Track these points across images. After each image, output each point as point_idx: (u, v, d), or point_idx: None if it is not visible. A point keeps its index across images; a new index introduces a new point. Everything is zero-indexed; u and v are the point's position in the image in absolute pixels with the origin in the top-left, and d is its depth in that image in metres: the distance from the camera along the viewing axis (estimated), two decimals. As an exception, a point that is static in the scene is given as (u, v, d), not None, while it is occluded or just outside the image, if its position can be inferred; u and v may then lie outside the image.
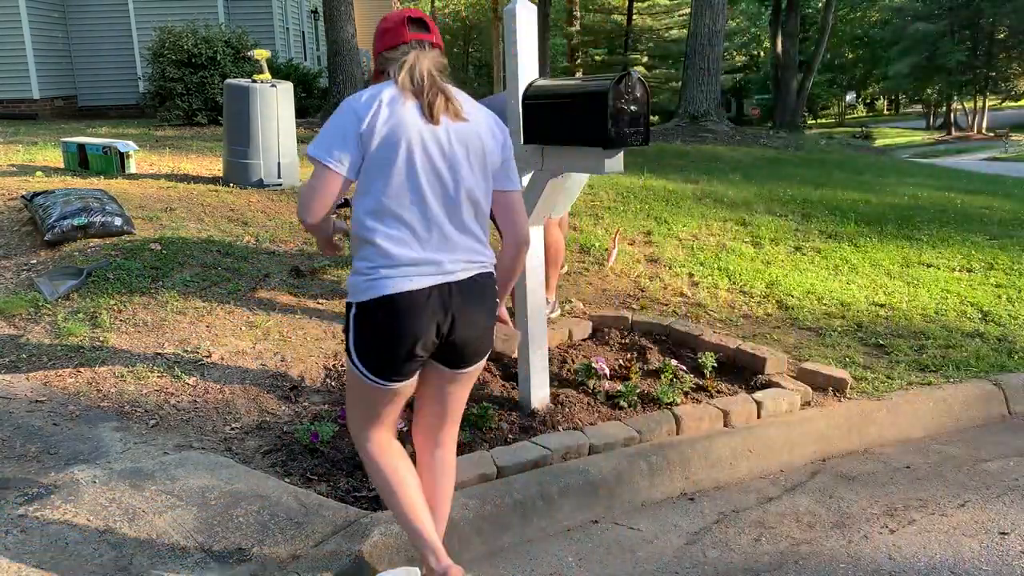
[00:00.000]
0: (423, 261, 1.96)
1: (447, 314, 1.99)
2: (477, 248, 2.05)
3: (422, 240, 1.97)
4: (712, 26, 14.24)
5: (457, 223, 2.00)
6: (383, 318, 1.94)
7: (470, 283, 2.02)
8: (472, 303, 2.03)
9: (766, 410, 3.34)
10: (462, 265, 2.01)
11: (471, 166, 2.00)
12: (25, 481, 2.58)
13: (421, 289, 1.95)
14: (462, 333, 2.02)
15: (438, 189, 1.97)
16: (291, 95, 6.51)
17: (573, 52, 36.90)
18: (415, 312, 1.95)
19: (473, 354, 2.11)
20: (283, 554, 2.32)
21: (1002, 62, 40.51)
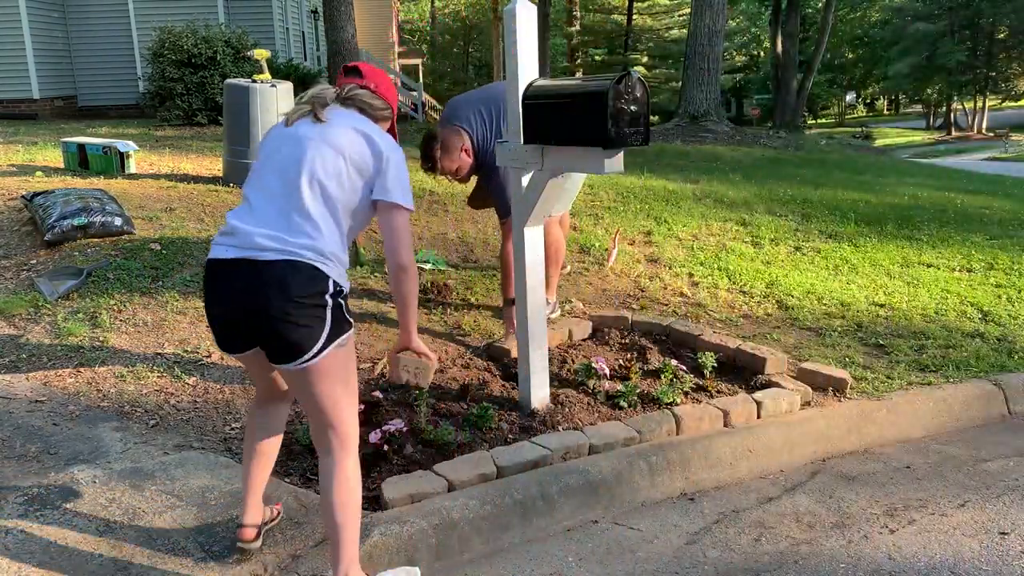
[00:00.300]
0: (240, 232, 2.07)
1: (247, 294, 2.02)
2: (297, 233, 2.06)
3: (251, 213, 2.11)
4: (712, 26, 14.24)
5: (294, 205, 2.09)
6: (204, 282, 2.14)
7: (271, 266, 2.02)
8: (270, 289, 2.00)
9: (766, 410, 3.34)
10: (273, 245, 2.03)
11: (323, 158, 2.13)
12: (25, 481, 2.58)
13: (227, 259, 2.05)
14: (253, 320, 2.02)
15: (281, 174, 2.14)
16: (291, 95, 6.51)
17: (573, 52, 36.90)
18: (216, 282, 2.07)
19: (276, 350, 2.04)
20: (283, 554, 2.32)
21: (1002, 62, 40.51)
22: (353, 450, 2.17)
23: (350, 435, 2.16)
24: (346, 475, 2.13)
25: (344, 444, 2.15)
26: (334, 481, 2.12)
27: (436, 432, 2.94)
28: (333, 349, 2.06)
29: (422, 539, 2.45)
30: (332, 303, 2.05)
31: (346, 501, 2.11)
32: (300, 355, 2.02)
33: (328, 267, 2.06)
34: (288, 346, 2.01)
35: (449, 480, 2.67)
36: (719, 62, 14.87)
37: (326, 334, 2.04)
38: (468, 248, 5.25)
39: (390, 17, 27.04)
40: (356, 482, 2.16)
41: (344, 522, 2.10)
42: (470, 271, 4.85)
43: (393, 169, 2.18)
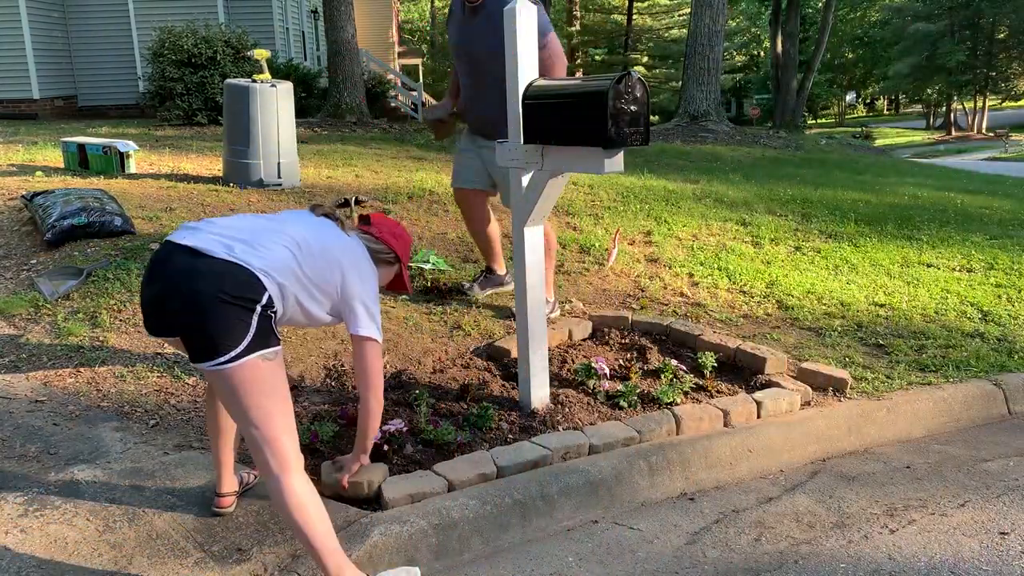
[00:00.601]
0: (201, 230, 2.16)
1: (183, 275, 2.05)
2: (249, 254, 2.12)
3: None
4: (712, 26, 14.26)
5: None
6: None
7: (214, 260, 2.06)
8: (206, 277, 2.02)
9: (766, 410, 3.34)
10: (223, 248, 2.09)
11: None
12: (25, 481, 2.58)
13: (176, 242, 2.12)
14: (180, 303, 2.04)
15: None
16: (291, 95, 6.51)
17: (573, 52, 36.93)
18: (157, 262, 2.12)
19: (196, 343, 2.03)
20: (283, 554, 2.32)
21: (1002, 62, 40.54)
22: (295, 466, 2.08)
23: (288, 451, 2.07)
24: (294, 494, 2.05)
25: (283, 462, 2.06)
26: (286, 504, 2.04)
27: (436, 432, 2.94)
28: (256, 359, 2.03)
29: (422, 539, 2.45)
30: (261, 312, 2.05)
31: (306, 520, 2.04)
32: (217, 353, 2.00)
33: (268, 282, 2.09)
34: (207, 340, 2.00)
35: (449, 480, 2.67)
36: (719, 62, 14.88)
37: (248, 340, 2.02)
38: (468, 248, 5.25)
39: (390, 17, 27.05)
40: (311, 498, 2.08)
41: (312, 539, 2.04)
42: (470, 271, 4.85)
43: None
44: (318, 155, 8.57)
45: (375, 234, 2.50)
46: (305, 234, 2.26)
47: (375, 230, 2.52)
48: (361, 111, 13.66)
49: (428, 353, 3.80)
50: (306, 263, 2.21)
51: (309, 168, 7.48)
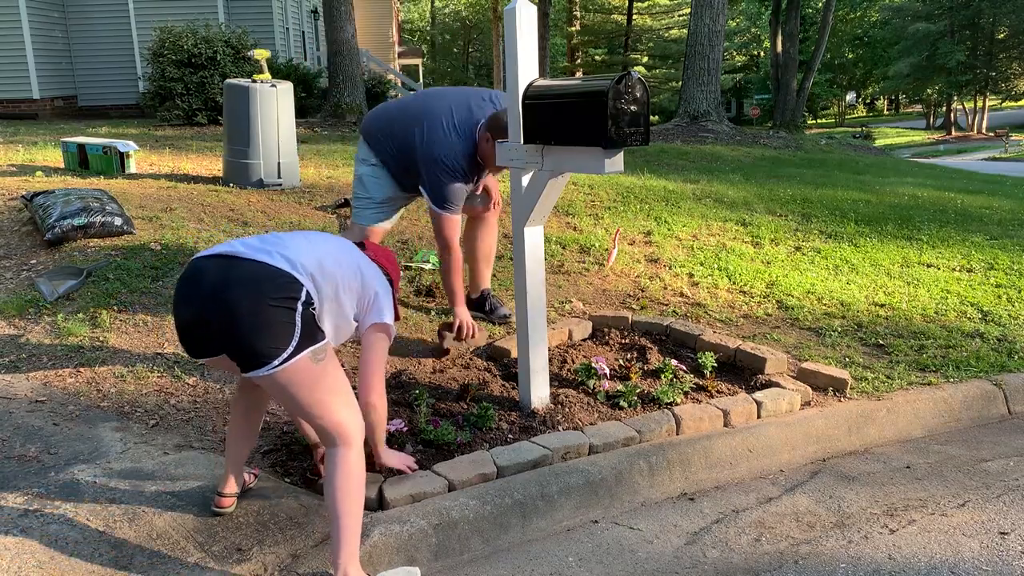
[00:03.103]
0: (224, 244, 2.19)
1: (218, 289, 2.06)
2: (277, 256, 2.15)
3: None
4: (712, 26, 14.25)
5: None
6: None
7: (246, 263, 2.09)
8: (242, 285, 2.05)
9: (766, 410, 3.34)
10: (253, 250, 2.13)
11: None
12: (25, 481, 2.58)
13: (204, 255, 2.14)
14: (221, 319, 2.06)
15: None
16: (291, 95, 6.51)
17: (573, 52, 36.93)
18: (188, 281, 2.13)
19: (243, 355, 2.06)
20: (283, 554, 2.32)
21: (1002, 62, 40.56)
22: (356, 443, 2.19)
23: (350, 431, 2.18)
24: (348, 466, 2.16)
25: (345, 439, 2.18)
26: (337, 471, 2.15)
27: (436, 432, 2.94)
28: (307, 357, 2.07)
29: (422, 539, 2.45)
30: (303, 311, 2.07)
31: (347, 491, 2.13)
32: (267, 361, 2.02)
33: (303, 279, 2.11)
34: (254, 350, 2.01)
35: (449, 480, 2.67)
36: (719, 62, 14.87)
37: (296, 340, 2.04)
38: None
39: (390, 17, 27.06)
40: (359, 474, 2.18)
41: (345, 512, 2.12)
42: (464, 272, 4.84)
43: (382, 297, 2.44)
44: (318, 155, 8.57)
45: (371, 257, 2.55)
46: (320, 237, 2.34)
47: (371, 254, 2.57)
48: (361, 111, 13.66)
49: (428, 353, 3.80)
50: (328, 260, 2.26)
51: (309, 168, 7.48)
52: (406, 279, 4.63)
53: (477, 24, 46.28)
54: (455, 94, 3.80)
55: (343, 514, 2.13)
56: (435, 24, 49.96)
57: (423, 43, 46.64)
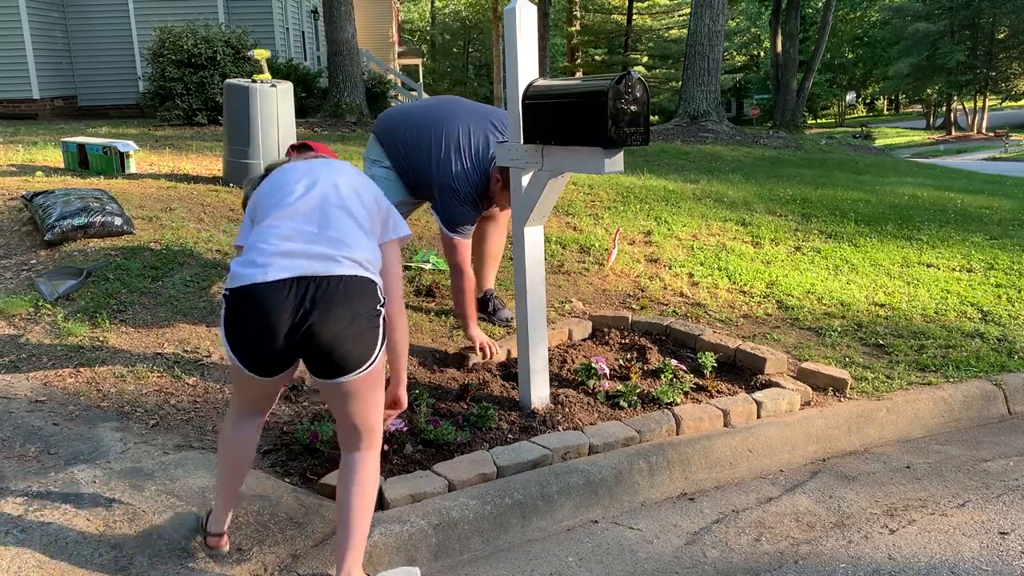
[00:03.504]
0: (276, 251, 2.06)
1: (307, 314, 1.99)
2: (340, 246, 2.09)
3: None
4: (712, 26, 14.25)
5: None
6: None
7: (333, 282, 2.02)
8: (335, 307, 2.00)
9: (766, 410, 3.34)
10: (327, 257, 2.05)
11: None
12: (25, 481, 2.58)
13: (272, 281, 2.01)
14: (310, 342, 2.01)
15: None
16: (291, 95, 6.51)
17: (573, 52, 36.93)
18: (257, 310, 2.02)
19: (330, 366, 2.04)
20: (283, 554, 2.32)
21: (1002, 62, 40.56)
22: (378, 445, 2.20)
23: (378, 433, 2.19)
24: (369, 469, 2.16)
25: (372, 442, 2.18)
26: (357, 474, 2.13)
27: (436, 432, 2.94)
28: (381, 356, 2.10)
29: (422, 539, 2.45)
30: (383, 313, 2.09)
31: (365, 494, 2.13)
32: (355, 368, 2.04)
33: (376, 276, 2.11)
34: (347, 363, 2.02)
35: (449, 480, 2.67)
36: (719, 62, 14.87)
37: (380, 345, 2.06)
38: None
39: (390, 17, 27.06)
40: (376, 479, 2.18)
41: (359, 516, 2.11)
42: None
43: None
44: (318, 155, 8.55)
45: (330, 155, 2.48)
46: (338, 189, 2.22)
47: (322, 154, 2.48)
48: (361, 111, 13.66)
49: (428, 353, 3.80)
50: (367, 218, 2.20)
51: (309, 168, 7.46)
52: (406, 279, 4.63)
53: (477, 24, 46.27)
54: (474, 116, 3.78)
55: (362, 518, 2.12)
56: (435, 24, 49.96)
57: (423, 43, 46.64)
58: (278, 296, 1.98)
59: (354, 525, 2.11)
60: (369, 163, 3.90)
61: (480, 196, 3.67)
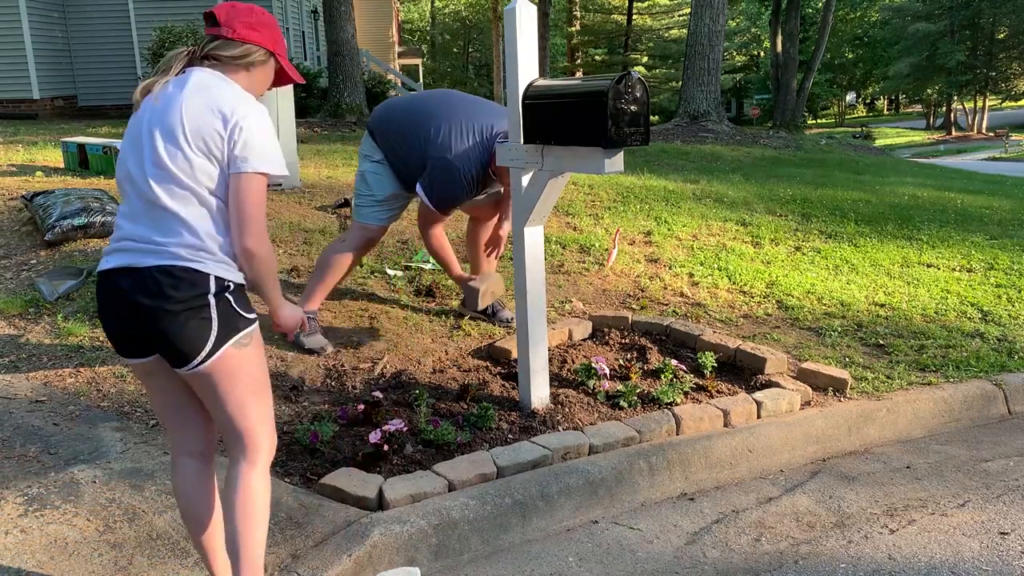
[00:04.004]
0: (125, 237, 1.90)
1: (130, 304, 1.86)
2: (170, 232, 1.86)
3: (130, 216, 1.92)
4: (712, 26, 14.25)
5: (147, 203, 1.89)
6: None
7: (146, 273, 1.85)
8: (148, 296, 1.84)
9: (766, 410, 3.34)
10: (146, 248, 1.87)
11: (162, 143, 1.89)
12: (25, 481, 2.58)
13: (110, 269, 1.90)
14: (142, 329, 1.88)
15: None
16: (291, 95, 6.50)
17: (573, 52, 36.94)
18: (103, 295, 1.93)
19: (170, 356, 1.88)
20: (283, 554, 2.32)
21: (1002, 62, 40.57)
22: (260, 461, 1.98)
23: (260, 444, 1.97)
24: (248, 489, 1.94)
25: (251, 455, 1.96)
26: (235, 494, 1.94)
27: (436, 432, 2.94)
28: (230, 349, 1.88)
29: (422, 539, 2.45)
30: (216, 301, 1.87)
31: (247, 518, 1.93)
32: (190, 359, 1.87)
33: (206, 264, 1.86)
34: (178, 352, 1.86)
35: (449, 480, 2.67)
36: (719, 62, 14.87)
37: (214, 335, 1.86)
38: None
39: (390, 17, 27.06)
40: (260, 496, 1.96)
41: (244, 539, 1.93)
42: (469, 271, 4.84)
43: (247, 134, 1.88)
44: (318, 155, 8.57)
45: (226, 36, 1.99)
46: (165, 151, 1.87)
47: (225, 31, 1.99)
48: (361, 111, 13.67)
49: (428, 353, 3.80)
50: (193, 185, 1.88)
51: (309, 168, 7.48)
52: (406, 279, 4.63)
53: (477, 24, 46.29)
54: (478, 104, 3.81)
55: (241, 540, 1.95)
56: (435, 24, 49.97)
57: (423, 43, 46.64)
58: (112, 284, 1.95)
59: (238, 545, 1.94)
60: (362, 159, 3.90)
61: (478, 173, 3.64)
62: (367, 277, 4.62)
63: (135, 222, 1.90)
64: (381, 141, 3.80)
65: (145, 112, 1.93)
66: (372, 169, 3.82)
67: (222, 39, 1.99)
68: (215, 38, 1.99)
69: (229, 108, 1.89)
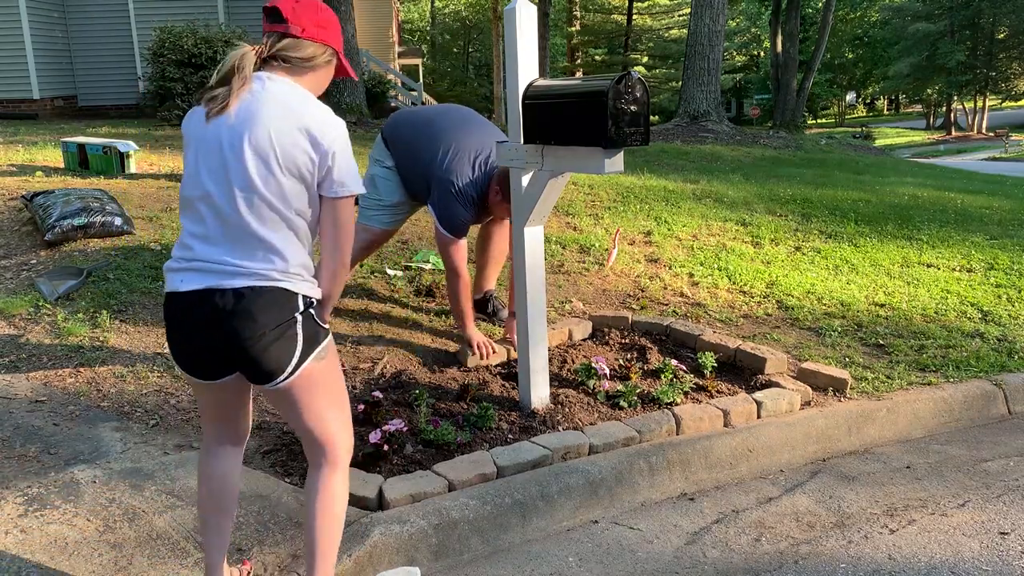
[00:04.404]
0: (200, 259, 1.86)
1: (213, 327, 1.84)
2: (255, 257, 1.85)
3: (206, 238, 1.87)
4: (712, 26, 14.24)
5: (236, 223, 1.85)
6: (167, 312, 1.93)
7: (235, 295, 1.83)
8: (236, 319, 1.82)
9: (766, 410, 3.34)
10: (234, 270, 1.84)
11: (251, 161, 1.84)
12: (25, 481, 2.58)
13: (187, 292, 1.84)
14: (225, 351, 1.86)
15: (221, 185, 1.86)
16: (291, 95, 6.50)
17: (573, 52, 36.93)
18: (178, 317, 1.88)
19: (253, 374, 1.89)
20: (283, 554, 2.32)
21: (1002, 62, 40.57)
22: (342, 465, 2.03)
23: (339, 450, 2.02)
24: (329, 492, 2.00)
25: (332, 460, 2.01)
26: (317, 497, 2.00)
27: (436, 432, 2.94)
28: (311, 363, 1.90)
29: (422, 539, 2.45)
30: (302, 319, 1.88)
31: (328, 519, 2.00)
32: (274, 378, 1.88)
33: (294, 283, 1.88)
34: (262, 371, 1.87)
35: (449, 480, 2.67)
36: (719, 62, 14.86)
37: (299, 352, 1.87)
38: (468, 248, 5.24)
39: (390, 17, 27.04)
40: (341, 499, 2.03)
41: (322, 540, 1.99)
42: (470, 270, 4.84)
43: (340, 159, 1.88)
44: (318, 155, 8.56)
45: (295, 35, 1.91)
46: (255, 171, 1.83)
47: (294, 29, 1.90)
48: (361, 111, 13.66)
49: (428, 353, 3.80)
50: (282, 207, 1.86)
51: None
52: (406, 279, 4.63)
53: (477, 24, 46.27)
54: (486, 127, 3.81)
55: (320, 543, 2.00)
56: (435, 24, 49.96)
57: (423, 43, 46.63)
58: (190, 306, 1.92)
59: (316, 548, 2.00)
60: (372, 162, 3.91)
61: (479, 201, 3.67)
62: (367, 277, 4.62)
63: (212, 244, 1.85)
64: (393, 149, 3.82)
65: (221, 127, 1.84)
66: (383, 174, 3.84)
67: (291, 38, 1.90)
68: (282, 36, 1.91)
69: (319, 130, 1.85)
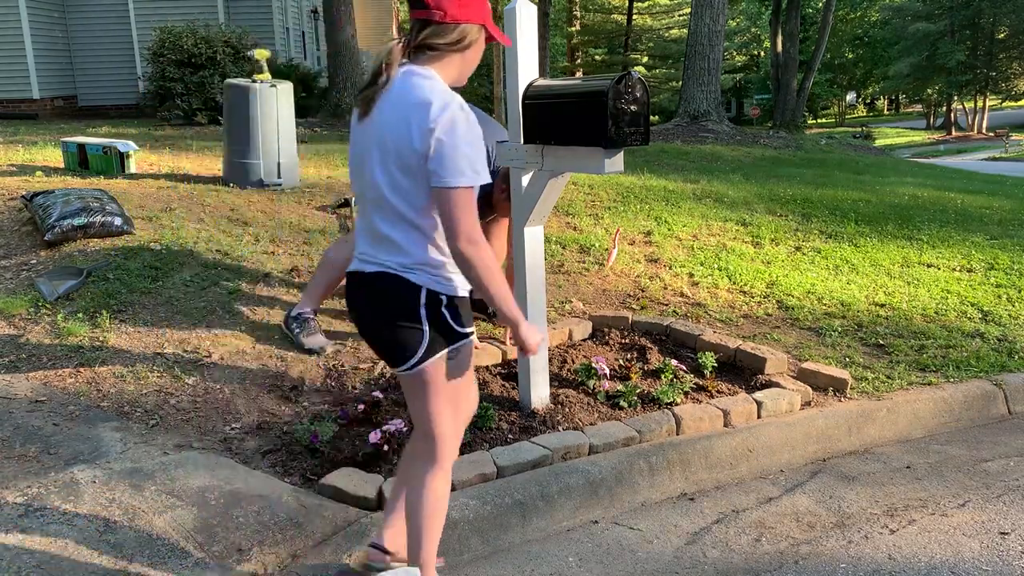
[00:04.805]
0: (358, 250, 2.09)
1: (357, 307, 2.06)
2: (386, 248, 1.98)
3: (358, 231, 2.10)
4: (712, 26, 14.25)
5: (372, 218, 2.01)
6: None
7: (370, 279, 2.01)
8: (370, 303, 2.02)
9: (766, 410, 3.34)
10: (370, 260, 2.02)
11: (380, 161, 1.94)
12: (25, 481, 2.58)
13: (351, 272, 2.08)
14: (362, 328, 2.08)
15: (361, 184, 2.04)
16: (291, 95, 6.50)
17: (573, 52, 36.92)
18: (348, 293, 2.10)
19: (384, 357, 2.06)
20: (283, 554, 2.32)
21: (1002, 62, 40.57)
22: (445, 465, 2.11)
23: (445, 451, 2.09)
24: (433, 489, 2.09)
25: (438, 458, 2.09)
26: (421, 494, 2.09)
27: (436, 432, 2.94)
28: (438, 360, 1.98)
29: (422, 539, 2.45)
30: (428, 314, 1.94)
31: (428, 514, 2.10)
32: (398, 364, 2.01)
33: (418, 276, 1.93)
34: (388, 356, 2.03)
35: (449, 480, 2.67)
36: (719, 62, 14.87)
37: (425, 346, 1.94)
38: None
39: (390, 17, 27.04)
40: (442, 497, 2.11)
41: (424, 531, 2.10)
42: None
43: (445, 148, 1.84)
44: (318, 155, 8.57)
45: (439, 20, 1.88)
46: (381, 169, 1.92)
47: (436, 15, 1.87)
48: (361, 111, 13.64)
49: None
50: (402, 204, 1.92)
51: (309, 168, 7.48)
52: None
53: (477, 24, 46.23)
54: (493, 130, 3.78)
55: (422, 533, 2.11)
56: (435, 24, 49.92)
57: (423, 43, 46.56)
58: (351, 286, 2.12)
59: (419, 537, 2.11)
60: None
61: (484, 198, 3.66)
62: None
63: (360, 237, 2.06)
64: None
65: (365, 131, 1.97)
66: None
67: (435, 24, 1.88)
68: (426, 23, 1.89)
69: (418, 123, 1.85)
